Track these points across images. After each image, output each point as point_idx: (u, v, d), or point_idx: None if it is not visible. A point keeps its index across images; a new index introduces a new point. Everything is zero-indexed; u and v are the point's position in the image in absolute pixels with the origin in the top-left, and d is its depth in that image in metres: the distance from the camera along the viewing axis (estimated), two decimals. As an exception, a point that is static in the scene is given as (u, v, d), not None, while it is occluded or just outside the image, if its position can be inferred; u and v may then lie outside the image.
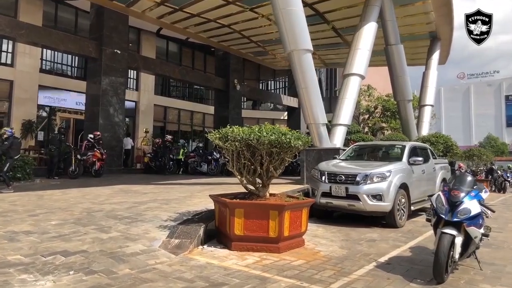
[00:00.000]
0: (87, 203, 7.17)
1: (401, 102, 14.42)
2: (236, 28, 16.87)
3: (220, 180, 12.12)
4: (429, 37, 17.54)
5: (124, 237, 4.80)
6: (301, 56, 8.59)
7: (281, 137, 4.62)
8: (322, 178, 6.94)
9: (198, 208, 6.61)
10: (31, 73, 15.86)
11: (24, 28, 12.59)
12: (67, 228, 5.16)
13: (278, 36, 18.61)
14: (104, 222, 5.56)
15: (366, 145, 8.83)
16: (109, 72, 14.51)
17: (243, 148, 4.72)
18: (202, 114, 24.27)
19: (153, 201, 7.37)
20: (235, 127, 4.86)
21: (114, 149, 14.41)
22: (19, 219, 5.69)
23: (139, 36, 20.25)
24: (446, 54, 19.14)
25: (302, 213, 5.00)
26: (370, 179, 6.49)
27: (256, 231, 4.68)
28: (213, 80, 20.62)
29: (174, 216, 5.99)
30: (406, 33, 16.15)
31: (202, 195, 8.15)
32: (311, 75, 8.71)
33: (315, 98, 8.84)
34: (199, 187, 9.76)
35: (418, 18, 15.92)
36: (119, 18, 14.95)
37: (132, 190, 9.13)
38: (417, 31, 17.13)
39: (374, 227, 6.66)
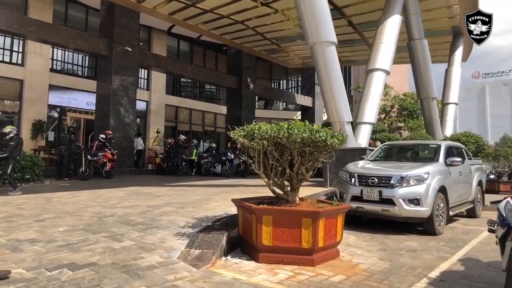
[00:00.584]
0: (98, 206, 6.70)
1: (425, 100, 13.74)
2: (250, 25, 16.37)
3: (235, 181, 11.61)
4: (452, 32, 16.81)
5: (138, 247, 4.30)
6: (325, 49, 8.04)
7: (315, 135, 4.07)
8: (351, 181, 6.36)
9: (216, 213, 6.11)
10: (42, 73, 15.57)
11: (33, 25, 12.25)
12: (76, 236, 4.67)
13: (293, 33, 18.23)
14: (116, 228, 5.07)
15: (396, 144, 8.22)
16: (120, 70, 14.11)
17: (271, 147, 4.17)
18: (213, 114, 23.82)
19: (168, 205, 6.87)
20: (262, 123, 4.33)
21: (125, 149, 14.00)
22: (25, 225, 5.23)
23: (150, 34, 19.89)
24: (468, 51, 18.39)
25: (337, 221, 4.43)
26: (407, 181, 5.89)
27: (286, 241, 4.13)
28: (226, 79, 20.14)
29: (191, 221, 5.48)
30: (426, 28, 15.45)
31: (219, 198, 7.64)
32: (335, 70, 8.15)
33: (340, 94, 8.27)
34: (215, 189, 9.25)
35: (440, 12, 15.24)
36: (130, 15, 14.54)
37: (145, 192, 8.65)
38: (439, 26, 16.42)
39: (410, 234, 6.06)
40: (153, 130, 19.16)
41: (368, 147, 8.87)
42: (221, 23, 16.38)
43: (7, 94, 15.18)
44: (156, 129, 19.15)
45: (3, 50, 15.28)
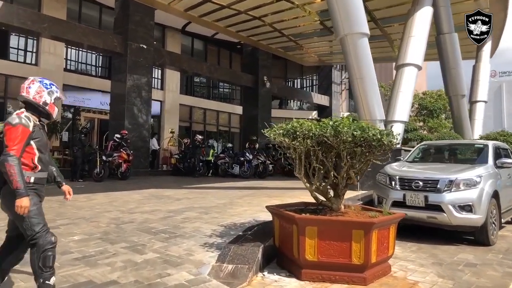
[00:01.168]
0: (115, 211, 6.23)
1: (454, 97, 13.02)
2: (267, 21, 15.82)
3: (256, 184, 11.08)
4: (478, 27, 15.96)
5: (163, 260, 3.79)
6: (357, 41, 7.45)
7: (368, 133, 3.50)
8: (392, 184, 5.76)
9: (244, 219, 5.59)
10: (56, 72, 15.26)
11: (47, 22, 11.90)
12: (93, 246, 4.19)
13: (311, 29, 17.63)
14: (137, 237, 4.57)
15: (435, 144, 7.59)
16: (135, 68, 13.70)
17: (316, 147, 3.62)
18: (227, 114, 23.37)
19: (189, 209, 6.37)
20: (303, 120, 3.78)
21: (140, 150, 13.58)
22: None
23: (163, 33, 19.52)
24: (495, 46, 17.53)
25: (389, 232, 3.85)
26: (456, 185, 5.28)
27: (334, 256, 3.57)
28: (241, 77, 19.63)
29: (219, 230, 4.96)
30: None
31: (243, 203, 7.11)
32: (367, 64, 7.56)
33: (372, 90, 7.68)
34: (237, 192, 8.73)
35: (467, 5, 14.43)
36: (145, 11, 14.12)
37: (164, 195, 8.17)
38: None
39: (459, 244, 5.44)
40: (167, 130, 18.77)
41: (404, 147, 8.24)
42: (237, 20, 15.86)
43: (21, 93, 14.89)
44: (171, 129, 18.75)
45: (17, 50, 15.07)
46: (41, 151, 2.72)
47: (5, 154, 2.48)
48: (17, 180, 2.46)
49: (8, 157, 2.47)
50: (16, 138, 2.53)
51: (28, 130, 2.60)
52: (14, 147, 2.50)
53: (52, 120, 2.89)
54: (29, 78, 2.80)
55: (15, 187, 2.45)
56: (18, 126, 2.56)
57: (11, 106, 14.69)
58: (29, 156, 2.63)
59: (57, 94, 2.81)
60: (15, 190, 2.46)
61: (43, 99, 2.73)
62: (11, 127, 2.55)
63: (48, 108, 2.77)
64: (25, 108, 2.72)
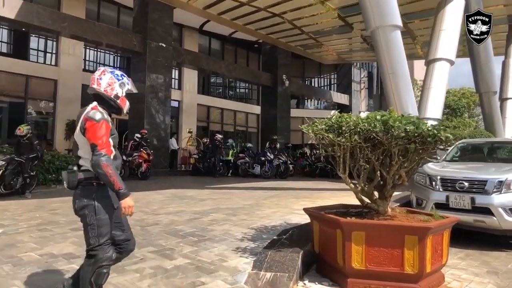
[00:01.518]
0: (138, 212, 5.98)
1: (485, 94, 12.45)
2: (287, 18, 15.48)
3: (279, 184, 10.77)
4: (507, 21, 15.30)
5: (195, 267, 3.51)
6: (389, 34, 7.07)
7: (423, 128, 3.15)
8: (433, 185, 5.36)
9: (274, 221, 5.28)
10: (75, 72, 15.32)
11: (67, 21, 11.84)
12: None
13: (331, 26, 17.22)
14: (164, 241, 4.31)
15: (476, 143, 7.13)
16: (154, 67, 13.55)
17: (363, 144, 3.28)
18: (245, 113, 23.13)
19: (216, 211, 6.09)
20: (347, 114, 3.45)
21: (160, 149, 13.42)
22: (60, 234, 4.56)
23: (181, 32, 19.42)
24: (525, 41, 16.75)
25: (443, 238, 3.48)
26: (506, 186, 4.85)
27: (384, 265, 3.22)
28: (260, 76, 19.35)
29: (250, 233, 4.66)
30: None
31: (270, 204, 6.79)
32: (399, 58, 7.16)
33: (405, 86, 7.28)
34: (262, 193, 8.42)
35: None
36: (164, 10, 13.98)
37: (187, 195, 7.92)
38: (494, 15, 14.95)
39: (507, 249, 5.00)
40: (185, 130, 18.62)
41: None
42: (257, 17, 15.58)
43: (42, 94, 15.00)
44: (188, 129, 18.60)
45: (37, 51, 15.13)
46: (115, 148, 2.46)
47: (97, 154, 2.22)
48: (118, 180, 2.23)
49: (102, 157, 2.22)
50: (103, 135, 2.27)
51: (110, 125, 2.35)
52: (104, 145, 2.25)
53: (122, 114, 2.61)
54: (100, 68, 2.53)
55: (117, 188, 2.23)
56: (102, 121, 2.29)
57: (31, 107, 14.76)
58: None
59: (128, 86, 2.51)
60: (117, 191, 2.24)
61: (114, 92, 2.44)
62: (95, 123, 2.27)
63: (120, 101, 2.47)
64: (97, 102, 2.45)
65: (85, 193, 2.36)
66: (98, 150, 2.23)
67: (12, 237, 4.43)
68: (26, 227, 4.93)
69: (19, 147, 7.99)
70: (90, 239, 2.36)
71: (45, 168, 9.02)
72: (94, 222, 2.33)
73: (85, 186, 2.36)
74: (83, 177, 2.35)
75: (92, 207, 2.33)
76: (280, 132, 18.09)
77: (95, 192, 2.35)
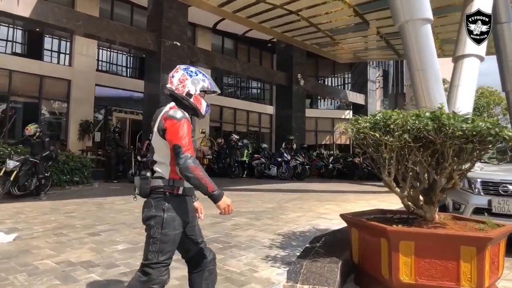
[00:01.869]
0: (157, 216, 5.73)
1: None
2: (304, 15, 15.10)
3: (298, 186, 10.44)
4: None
5: (224, 278, 3.21)
6: (418, 28, 6.68)
7: (481, 125, 2.80)
8: (472, 188, 4.98)
9: (302, 227, 4.97)
10: (88, 73, 15.21)
11: (82, 19, 11.67)
12: (140, 258, 3.58)
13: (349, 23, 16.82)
14: (187, 247, 4.01)
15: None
16: (169, 66, 13.30)
17: (412, 144, 2.94)
18: (257, 113, 22.85)
19: (238, 214, 5.79)
20: (395, 111, 3.12)
21: (174, 150, 13.16)
22: (77, 240, 4.31)
23: (194, 32, 19.22)
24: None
25: (499, 248, 3.13)
26: (556, 190, 4.45)
27: (437, 278, 2.89)
28: (275, 75, 19.02)
29: (277, 239, 4.36)
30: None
31: (294, 207, 6.47)
32: (430, 53, 6.77)
33: (435, 84, 6.89)
34: (282, 195, 8.11)
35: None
36: (179, 8, 13.74)
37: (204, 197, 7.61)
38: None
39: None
40: (197, 131, 18.40)
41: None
42: (272, 15, 15.22)
43: (56, 94, 14.93)
44: (201, 129, 18.38)
45: (51, 52, 15.07)
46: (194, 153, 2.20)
47: (183, 156, 1.96)
48: (209, 181, 1.98)
49: (189, 159, 1.97)
50: (186, 135, 2.02)
51: (191, 126, 2.09)
52: (188, 146, 2.00)
53: (201, 117, 2.26)
54: (177, 66, 2.27)
55: (210, 191, 1.98)
56: (184, 120, 2.04)
57: (45, 107, 14.69)
58: None
59: (203, 83, 2.20)
60: (211, 193, 1.99)
61: (186, 89, 2.17)
62: (176, 122, 2.03)
63: (193, 100, 2.17)
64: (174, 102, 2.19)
65: (156, 203, 2.09)
66: (183, 152, 1.97)
67: (27, 242, 4.20)
68: (42, 231, 4.70)
69: (32, 148, 7.80)
70: (149, 253, 2.08)
71: (60, 169, 8.84)
72: (158, 236, 2.05)
73: (156, 195, 2.09)
74: (156, 184, 2.09)
75: (160, 219, 2.06)
76: (295, 132, 17.73)
77: (166, 202, 2.08)
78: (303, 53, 19.34)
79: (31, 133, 7.68)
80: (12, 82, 13.62)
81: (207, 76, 2.25)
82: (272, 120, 23.21)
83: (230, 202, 2.01)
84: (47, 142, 7.85)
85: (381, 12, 14.63)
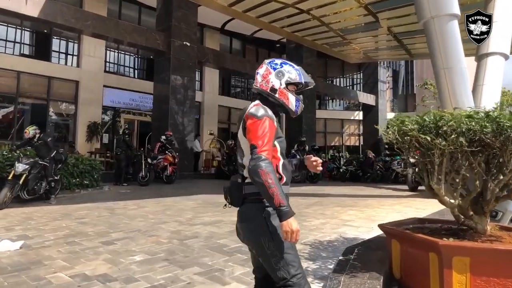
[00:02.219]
0: (172, 222, 5.46)
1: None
2: (316, 14, 14.82)
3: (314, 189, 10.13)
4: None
5: (254, 295, 2.91)
6: (445, 24, 6.37)
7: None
8: (511, 194, 4.64)
9: (328, 235, 4.68)
10: (96, 74, 15.05)
11: (90, 19, 11.50)
12: (160, 271, 3.38)
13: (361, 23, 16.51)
14: (209, 258, 3.74)
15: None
16: (178, 66, 13.11)
17: (466, 148, 2.64)
18: (266, 114, 22.53)
19: (257, 222, 5.49)
20: (448, 111, 2.82)
21: (184, 152, 12.93)
22: (91, 249, 4.04)
23: (202, 32, 19.00)
24: None
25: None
26: None
27: (496, 300, 2.57)
28: (285, 76, 18.71)
29: (305, 250, 4.06)
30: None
31: (315, 213, 6.18)
32: (456, 51, 6.44)
33: (462, 83, 6.54)
34: (300, 199, 7.81)
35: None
36: (188, 7, 13.54)
37: (220, 202, 7.26)
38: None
39: None
40: (206, 132, 18.18)
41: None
42: (283, 14, 14.98)
43: (64, 96, 14.79)
44: (210, 131, 18.15)
45: (59, 53, 14.93)
46: (284, 155, 1.93)
47: (255, 157, 1.70)
48: (279, 193, 1.65)
49: (261, 161, 1.69)
50: (264, 135, 1.75)
51: (274, 124, 1.82)
52: (264, 147, 1.73)
53: (293, 115, 1.97)
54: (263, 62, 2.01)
55: (277, 204, 1.65)
56: (265, 118, 1.78)
57: (53, 109, 14.52)
58: (273, 162, 1.78)
59: (289, 75, 1.91)
60: (278, 208, 1.66)
61: (270, 84, 1.90)
62: (256, 120, 1.78)
63: (278, 96, 1.89)
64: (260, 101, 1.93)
65: (253, 213, 1.82)
66: (257, 153, 1.71)
67: (38, 252, 3.94)
68: (53, 239, 4.44)
69: (37, 151, 7.55)
70: (278, 272, 1.77)
71: (69, 172, 8.61)
72: (274, 249, 1.76)
73: (252, 203, 1.82)
74: (250, 191, 1.81)
75: (266, 230, 1.78)
76: (305, 134, 17.44)
77: (264, 209, 1.79)
78: (313, 53, 19.07)
79: (30, 136, 7.41)
80: (20, 84, 13.50)
81: (295, 67, 1.95)
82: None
83: (297, 227, 1.67)
84: (50, 142, 7.60)
85: (393, 11, 14.35)
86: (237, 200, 1.86)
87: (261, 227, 1.78)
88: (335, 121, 25.11)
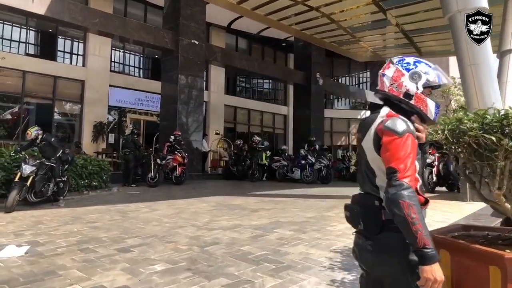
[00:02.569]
0: (189, 226, 5.20)
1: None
2: (325, 11, 14.52)
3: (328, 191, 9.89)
4: None
5: (292, 311, 2.65)
6: (471, 19, 6.09)
7: None
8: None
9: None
10: (102, 73, 14.82)
11: (97, 17, 11.25)
12: (185, 283, 3.12)
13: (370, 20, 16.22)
14: (235, 268, 3.48)
15: None
16: (187, 65, 12.85)
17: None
18: (271, 114, 22.35)
19: (278, 225, 5.24)
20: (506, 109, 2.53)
21: (193, 152, 12.67)
22: (107, 257, 3.78)
23: (208, 31, 18.73)
24: None
25: None
26: None
27: None
28: (293, 74, 18.50)
29: (336, 258, 3.79)
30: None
31: (337, 217, 5.89)
32: (484, 46, 6.16)
33: (490, 80, 6.29)
34: (317, 202, 7.55)
35: None
36: (197, 5, 13.29)
37: (234, 204, 7.10)
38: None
39: None
40: (212, 132, 17.93)
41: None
42: (291, 12, 14.68)
43: (69, 95, 14.58)
44: (215, 130, 17.91)
45: (64, 52, 14.72)
46: (421, 176, 1.59)
47: (395, 184, 1.40)
48: (423, 232, 1.35)
49: (403, 189, 1.39)
50: (407, 156, 1.44)
51: (416, 141, 1.52)
52: (407, 172, 1.42)
53: (430, 123, 1.66)
54: (388, 60, 1.69)
55: (421, 245, 1.35)
56: (407, 136, 1.46)
57: (58, 109, 14.31)
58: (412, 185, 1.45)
59: (427, 77, 1.59)
60: (420, 249, 1.35)
61: (403, 89, 1.58)
62: (396, 137, 1.46)
63: (414, 102, 1.58)
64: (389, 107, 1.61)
65: (391, 245, 1.51)
66: (398, 179, 1.41)
67: (52, 260, 3.69)
68: (66, 246, 4.19)
69: (42, 152, 7.30)
70: None
71: (78, 173, 8.36)
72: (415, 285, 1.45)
73: (390, 233, 1.49)
74: (390, 217, 1.46)
75: (409, 267, 1.47)
76: (313, 133, 17.17)
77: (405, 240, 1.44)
78: (321, 51, 18.80)
79: (32, 137, 7.17)
80: (26, 83, 13.29)
81: (431, 65, 1.64)
82: (287, 121, 22.68)
83: (441, 276, 1.36)
84: (54, 142, 7.36)
85: (404, 8, 14.07)
86: (374, 227, 1.54)
87: (402, 264, 1.48)
88: (341, 121, 24.79)
